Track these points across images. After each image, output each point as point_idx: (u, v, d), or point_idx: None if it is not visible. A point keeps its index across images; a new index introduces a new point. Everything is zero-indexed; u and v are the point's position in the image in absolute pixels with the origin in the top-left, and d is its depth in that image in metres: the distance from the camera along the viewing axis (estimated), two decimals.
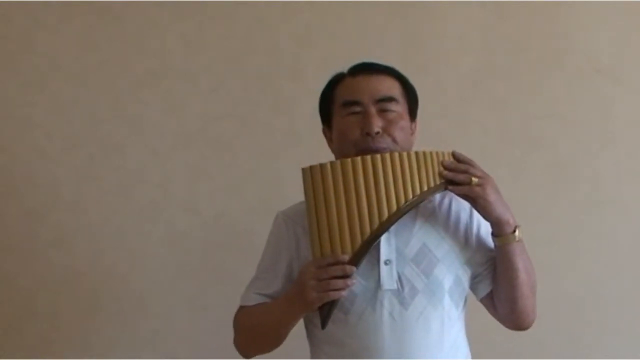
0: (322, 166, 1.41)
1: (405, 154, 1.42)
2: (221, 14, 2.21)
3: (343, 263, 1.37)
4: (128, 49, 2.19)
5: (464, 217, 1.53)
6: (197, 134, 2.19)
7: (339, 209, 1.39)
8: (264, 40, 2.21)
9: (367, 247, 1.39)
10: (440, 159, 1.44)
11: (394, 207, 1.40)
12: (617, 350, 2.19)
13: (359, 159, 1.41)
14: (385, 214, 1.39)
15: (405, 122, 1.52)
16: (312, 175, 1.41)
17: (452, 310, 1.49)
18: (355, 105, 1.50)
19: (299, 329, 1.55)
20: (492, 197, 1.43)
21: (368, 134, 1.47)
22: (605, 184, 2.22)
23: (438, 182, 1.43)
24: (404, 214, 1.41)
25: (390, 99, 1.51)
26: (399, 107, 1.52)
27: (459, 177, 1.43)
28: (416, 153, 1.43)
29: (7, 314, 2.15)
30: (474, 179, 1.43)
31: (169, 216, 2.18)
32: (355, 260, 1.38)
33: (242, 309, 1.56)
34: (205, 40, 2.21)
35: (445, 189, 1.44)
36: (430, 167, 1.42)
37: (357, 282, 1.42)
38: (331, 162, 1.42)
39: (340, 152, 1.51)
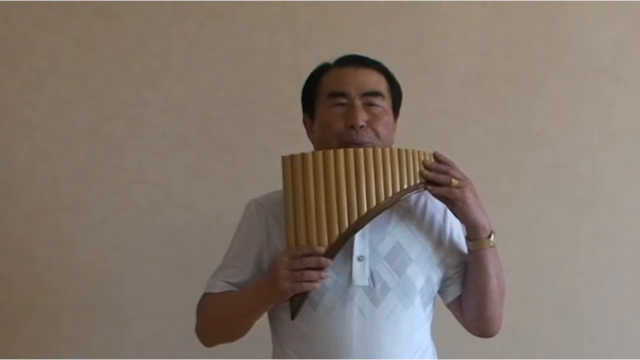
0: (303, 156, 1.40)
1: (387, 150, 1.41)
2: (221, 14, 2.21)
3: (318, 255, 1.35)
4: (128, 49, 2.19)
5: (438, 218, 1.53)
6: (197, 134, 2.19)
7: (318, 200, 1.37)
8: (264, 40, 2.21)
9: (344, 242, 1.37)
10: (422, 158, 1.43)
11: (374, 203, 1.38)
12: (617, 350, 2.19)
13: (341, 151, 1.40)
14: (365, 209, 1.38)
15: (389, 117, 1.52)
16: (292, 164, 1.40)
17: (421, 311, 1.47)
18: (341, 96, 1.49)
19: (263, 321, 1.53)
20: (470, 200, 1.42)
21: (352, 127, 1.46)
22: (605, 184, 2.22)
23: (418, 181, 1.42)
24: (383, 210, 1.40)
25: (377, 94, 1.50)
26: (384, 103, 1.51)
27: (439, 177, 1.42)
28: (398, 150, 1.42)
29: (7, 314, 2.15)
30: (454, 181, 1.42)
31: (169, 216, 2.17)
32: (330, 253, 1.36)
33: (207, 296, 1.53)
34: (205, 40, 2.21)
35: (425, 189, 1.43)
36: (412, 166, 1.42)
37: (330, 277, 1.40)
38: (313, 153, 1.41)
39: (322, 142, 1.49)
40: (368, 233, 1.45)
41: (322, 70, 1.56)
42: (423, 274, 1.47)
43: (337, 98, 1.49)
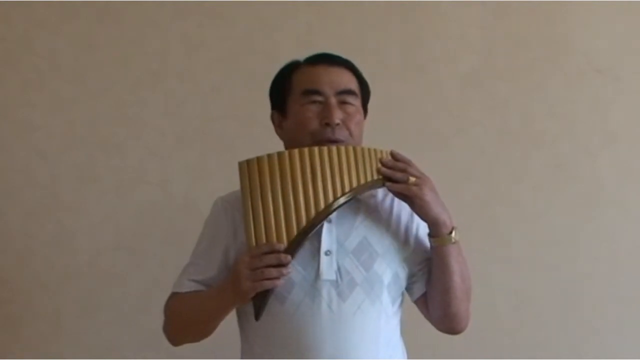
0: (258, 159, 1.42)
1: (343, 149, 1.43)
2: (221, 14, 2.21)
3: (279, 252, 1.36)
4: (128, 49, 2.20)
5: (404, 216, 1.53)
6: (197, 134, 2.19)
7: (275, 199, 1.39)
8: (264, 40, 2.21)
9: (303, 237, 1.38)
10: (379, 156, 1.44)
11: (330, 199, 1.40)
12: (617, 350, 2.19)
13: (296, 151, 1.41)
14: (322, 205, 1.39)
15: (360, 116, 1.52)
16: (248, 168, 1.41)
17: (390, 306, 1.47)
18: (316, 94, 1.49)
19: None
20: (428, 196, 1.42)
21: (328, 125, 1.46)
22: (605, 184, 2.23)
23: (376, 178, 1.43)
24: (341, 205, 1.41)
25: (351, 92, 1.51)
26: (357, 102, 1.52)
27: (396, 175, 1.43)
28: (354, 148, 1.43)
29: (7, 314, 2.15)
30: (412, 178, 1.43)
31: (169, 216, 2.18)
32: (291, 250, 1.37)
33: (174, 295, 1.54)
34: (205, 40, 2.21)
35: (383, 185, 1.44)
36: (369, 163, 1.43)
37: (297, 272, 1.42)
38: (268, 155, 1.42)
39: (295, 140, 1.49)
40: (335, 228, 1.46)
41: (292, 68, 1.56)
42: (390, 269, 1.47)
43: (312, 96, 1.49)
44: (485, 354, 2.13)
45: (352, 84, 1.53)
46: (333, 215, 1.46)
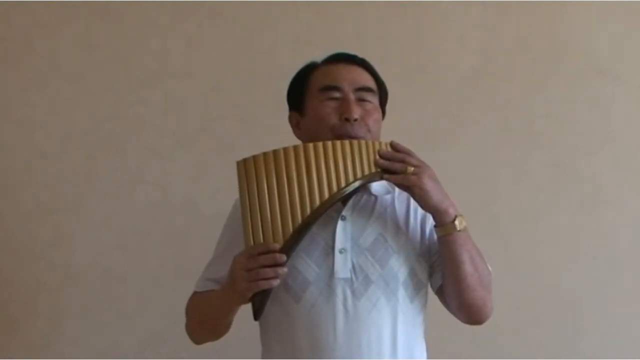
0: (255, 157, 1.41)
1: (339, 143, 1.41)
2: (221, 14, 2.21)
3: (274, 251, 1.35)
4: (128, 49, 2.20)
5: (421, 210, 1.49)
6: (197, 134, 2.19)
7: (271, 198, 1.38)
8: (264, 40, 2.21)
9: (299, 236, 1.37)
10: (377, 148, 1.43)
11: (326, 195, 1.38)
12: (617, 350, 2.19)
13: (291, 147, 1.41)
14: (317, 202, 1.38)
15: (379, 115, 1.52)
16: (245, 168, 1.40)
17: (407, 303, 1.45)
18: (335, 90, 1.49)
19: None
20: (428, 185, 1.40)
21: (347, 120, 1.46)
22: (605, 184, 2.22)
23: (374, 170, 1.42)
24: (337, 201, 1.40)
25: (369, 89, 1.52)
26: (375, 100, 1.52)
27: (394, 165, 1.41)
28: (350, 142, 1.42)
29: (7, 314, 2.16)
30: (410, 168, 1.41)
31: (169, 216, 2.18)
32: (286, 249, 1.36)
33: (193, 295, 1.56)
34: (205, 40, 2.21)
35: (381, 178, 1.43)
36: (366, 156, 1.41)
37: (311, 270, 1.42)
38: (264, 153, 1.41)
39: (315, 136, 1.48)
40: (349, 225, 1.46)
41: (310, 68, 1.57)
42: (407, 264, 1.46)
43: (331, 92, 1.50)
44: (485, 353, 2.13)
45: (370, 82, 1.53)
46: (347, 212, 1.47)
